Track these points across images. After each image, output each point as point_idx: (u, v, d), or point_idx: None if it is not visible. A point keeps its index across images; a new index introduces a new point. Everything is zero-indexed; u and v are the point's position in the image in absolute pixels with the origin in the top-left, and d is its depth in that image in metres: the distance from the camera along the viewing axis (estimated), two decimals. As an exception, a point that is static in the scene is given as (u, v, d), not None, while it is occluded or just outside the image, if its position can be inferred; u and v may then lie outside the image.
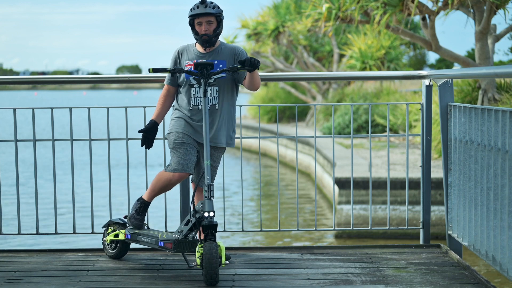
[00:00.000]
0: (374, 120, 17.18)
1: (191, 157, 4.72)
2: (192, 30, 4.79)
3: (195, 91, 4.78)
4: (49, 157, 16.83)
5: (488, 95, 10.92)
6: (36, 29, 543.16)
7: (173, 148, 4.75)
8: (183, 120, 4.81)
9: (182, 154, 4.70)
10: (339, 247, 5.40)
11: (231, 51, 4.84)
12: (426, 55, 40.55)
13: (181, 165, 4.68)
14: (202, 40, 4.76)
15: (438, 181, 9.68)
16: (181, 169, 4.68)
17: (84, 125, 19.07)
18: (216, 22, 4.76)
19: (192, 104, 4.79)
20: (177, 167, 4.69)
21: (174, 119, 4.86)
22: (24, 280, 4.59)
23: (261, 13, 22.85)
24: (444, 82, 5.22)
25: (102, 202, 10.95)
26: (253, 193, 15.02)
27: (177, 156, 4.71)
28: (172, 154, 4.76)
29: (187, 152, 4.72)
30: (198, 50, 4.86)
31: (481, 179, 4.52)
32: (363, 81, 20.58)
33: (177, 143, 4.73)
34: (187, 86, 4.81)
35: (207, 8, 4.71)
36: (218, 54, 4.82)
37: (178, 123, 4.80)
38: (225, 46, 4.87)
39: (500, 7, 10.28)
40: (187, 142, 4.74)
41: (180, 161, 4.69)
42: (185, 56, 4.86)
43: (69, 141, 5.48)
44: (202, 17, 4.73)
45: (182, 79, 4.83)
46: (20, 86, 70.24)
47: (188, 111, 4.80)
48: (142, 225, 4.90)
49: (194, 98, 4.79)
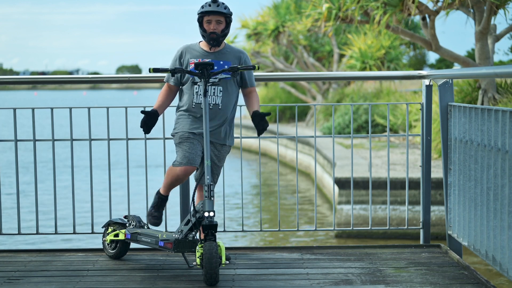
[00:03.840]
0: (374, 120, 17.18)
1: (196, 150, 4.69)
2: (200, 27, 4.79)
3: (198, 89, 4.78)
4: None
5: (488, 95, 10.92)
6: (36, 29, 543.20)
7: (179, 143, 4.74)
8: (188, 118, 4.80)
9: (188, 147, 4.68)
10: (339, 247, 5.40)
11: (237, 53, 4.85)
12: (426, 55, 40.52)
13: (186, 159, 4.65)
14: (210, 37, 4.75)
15: (438, 181, 9.68)
16: (186, 162, 4.64)
17: (84, 126, 19.24)
18: (225, 22, 4.77)
19: (195, 101, 4.79)
20: (182, 160, 4.66)
21: (179, 119, 4.84)
22: (24, 280, 4.59)
23: (261, 13, 22.86)
24: (444, 82, 5.22)
25: (102, 202, 10.95)
26: (253, 193, 15.02)
27: (183, 150, 4.69)
28: (177, 149, 4.74)
29: (193, 146, 4.69)
30: (203, 49, 4.85)
31: (481, 179, 4.52)
32: (363, 81, 20.58)
33: (183, 138, 4.73)
34: (190, 83, 4.81)
35: (219, 7, 4.73)
36: (224, 54, 4.82)
37: (184, 123, 4.79)
38: (231, 48, 4.88)
39: (500, 7, 10.29)
40: (193, 137, 4.74)
41: (186, 155, 4.66)
42: (188, 54, 4.85)
43: (69, 141, 5.48)
44: (212, 15, 4.73)
45: (186, 77, 4.84)
46: (20, 86, 70.29)
47: (192, 108, 4.80)
48: (159, 223, 4.88)
49: (196, 95, 4.79)
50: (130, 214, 5.14)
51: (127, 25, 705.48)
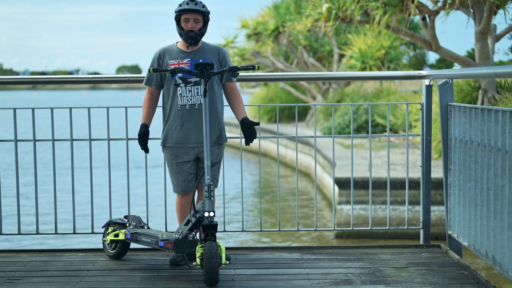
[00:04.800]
0: (374, 120, 17.18)
1: (188, 176, 4.87)
2: (178, 25, 4.77)
3: (181, 91, 4.78)
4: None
5: (488, 95, 10.91)
6: (36, 29, 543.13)
7: (170, 167, 4.91)
8: (175, 130, 4.82)
9: (180, 175, 4.87)
10: (339, 247, 5.40)
11: (215, 50, 4.85)
12: (426, 55, 40.55)
13: (180, 188, 4.90)
14: (187, 36, 4.74)
15: (438, 181, 9.68)
16: (181, 191, 4.90)
17: (84, 126, 19.27)
18: (202, 21, 4.76)
19: (180, 104, 4.79)
20: (177, 189, 4.91)
21: (165, 127, 4.88)
22: (24, 280, 4.59)
23: (261, 13, 22.85)
24: (444, 82, 5.22)
25: (102, 202, 10.95)
26: (253, 194, 15.02)
27: (175, 178, 4.89)
28: (170, 173, 4.93)
29: (183, 173, 4.86)
30: (181, 49, 4.84)
31: (481, 179, 4.52)
32: (363, 81, 20.58)
33: (173, 163, 4.87)
34: (172, 86, 4.80)
35: (197, 5, 4.72)
36: (202, 53, 4.82)
37: (170, 134, 4.84)
38: (208, 46, 4.87)
39: (500, 7, 10.29)
40: (182, 160, 4.84)
41: (179, 183, 4.90)
42: (167, 56, 4.84)
43: (69, 141, 5.48)
44: (190, 14, 4.72)
45: (167, 78, 4.83)
46: (20, 86, 70.27)
47: (177, 111, 4.80)
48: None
49: (181, 97, 4.79)
50: (130, 214, 5.14)
51: (127, 25, 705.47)
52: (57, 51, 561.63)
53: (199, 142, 4.80)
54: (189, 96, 4.76)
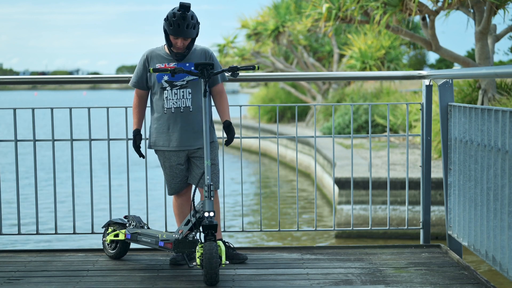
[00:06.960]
0: (374, 120, 17.18)
1: (182, 178, 4.91)
2: (166, 37, 4.71)
3: (167, 94, 4.77)
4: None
5: (488, 95, 10.91)
6: (36, 29, 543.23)
7: (164, 170, 4.96)
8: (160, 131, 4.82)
9: (172, 178, 4.92)
10: (339, 247, 5.40)
11: (201, 53, 4.82)
12: (426, 55, 40.55)
13: (173, 190, 4.98)
14: (176, 53, 4.72)
15: (438, 181, 9.68)
16: (173, 192, 4.97)
17: (84, 126, 19.11)
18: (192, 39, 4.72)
19: (166, 107, 4.79)
20: (170, 191, 4.98)
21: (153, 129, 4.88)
22: (24, 280, 4.59)
23: (261, 13, 22.86)
24: (444, 82, 5.22)
25: (102, 202, 10.96)
26: (253, 194, 15.02)
27: (167, 180, 4.95)
28: (164, 175, 4.99)
29: (175, 175, 4.90)
30: (167, 53, 4.81)
31: (481, 179, 4.52)
32: (363, 81, 20.57)
33: (166, 166, 4.90)
34: (159, 89, 4.79)
35: (188, 29, 4.60)
36: (188, 57, 4.78)
37: (158, 137, 4.85)
38: (195, 48, 4.83)
39: (500, 7, 10.29)
40: (172, 163, 4.86)
41: (171, 185, 4.95)
42: (154, 60, 4.81)
43: (69, 141, 5.48)
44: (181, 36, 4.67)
45: (153, 82, 4.81)
46: (20, 86, 70.24)
47: (163, 114, 4.79)
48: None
49: (167, 101, 4.78)
50: (130, 214, 5.14)
51: (127, 25, 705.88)
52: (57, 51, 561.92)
53: (187, 145, 4.79)
54: (174, 99, 4.75)
